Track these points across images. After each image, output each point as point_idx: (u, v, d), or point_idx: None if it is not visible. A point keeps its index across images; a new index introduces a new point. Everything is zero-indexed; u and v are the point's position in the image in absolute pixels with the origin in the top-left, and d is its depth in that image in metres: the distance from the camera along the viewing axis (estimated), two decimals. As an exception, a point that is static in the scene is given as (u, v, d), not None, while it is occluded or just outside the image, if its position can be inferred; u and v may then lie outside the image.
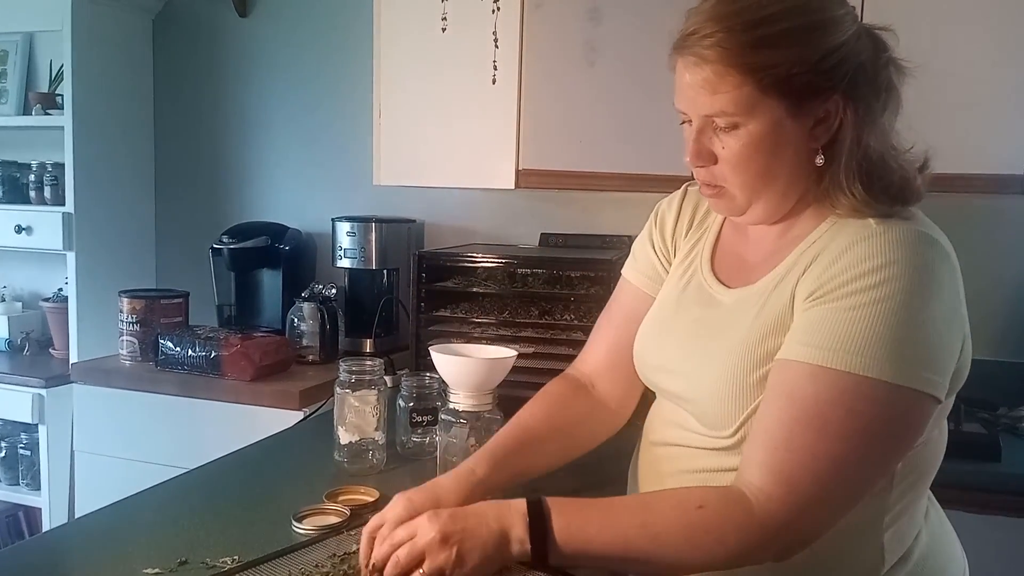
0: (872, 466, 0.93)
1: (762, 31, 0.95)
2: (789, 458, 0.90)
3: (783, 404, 0.93)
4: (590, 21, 2.13)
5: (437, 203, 2.67)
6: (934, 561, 1.07)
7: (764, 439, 0.93)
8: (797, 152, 1.00)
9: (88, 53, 2.68)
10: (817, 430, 0.90)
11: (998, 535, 1.72)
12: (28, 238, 2.71)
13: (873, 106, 0.99)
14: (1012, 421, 1.98)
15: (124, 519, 1.27)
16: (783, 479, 0.90)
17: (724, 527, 0.91)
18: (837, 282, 0.94)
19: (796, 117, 0.97)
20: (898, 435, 0.93)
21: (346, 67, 2.74)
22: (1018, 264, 2.21)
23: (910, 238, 0.95)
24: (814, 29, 0.96)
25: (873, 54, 0.99)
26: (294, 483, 1.44)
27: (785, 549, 0.92)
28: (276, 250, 2.66)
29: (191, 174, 3.00)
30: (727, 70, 0.96)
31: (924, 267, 0.93)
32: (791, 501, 0.90)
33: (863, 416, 0.90)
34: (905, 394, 0.90)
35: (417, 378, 1.59)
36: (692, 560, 0.93)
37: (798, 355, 0.93)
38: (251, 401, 2.19)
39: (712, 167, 1.03)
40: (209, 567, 1.08)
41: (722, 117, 0.98)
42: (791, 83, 0.95)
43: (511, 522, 0.94)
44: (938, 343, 0.93)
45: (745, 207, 1.05)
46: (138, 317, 2.44)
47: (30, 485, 2.77)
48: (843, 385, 0.90)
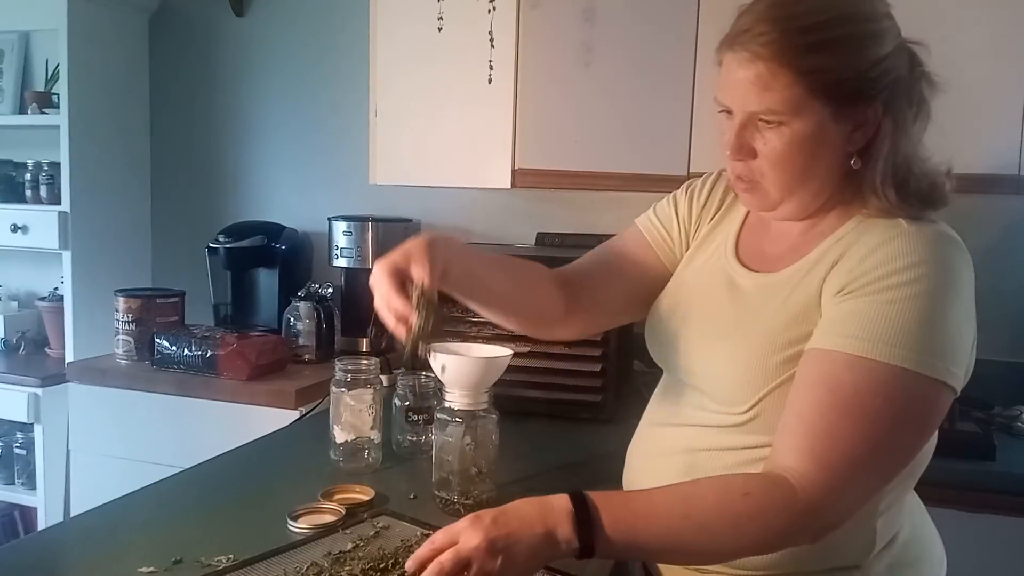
0: (902, 452, 0.98)
1: (816, 36, 0.98)
2: (829, 444, 0.93)
3: (821, 392, 0.96)
4: (585, 21, 2.14)
5: (433, 202, 2.67)
6: (916, 545, 1.13)
7: (802, 426, 0.96)
8: (834, 154, 1.04)
9: (84, 52, 2.68)
10: (855, 417, 0.94)
11: (993, 534, 1.72)
12: (24, 237, 2.71)
13: (907, 115, 1.04)
14: (1007, 420, 1.99)
15: (119, 518, 1.27)
16: (823, 464, 0.93)
17: (769, 513, 0.93)
18: (872, 276, 0.98)
19: (838, 121, 1.01)
20: (925, 423, 0.98)
21: (342, 66, 2.74)
22: (1012, 264, 2.22)
23: (939, 239, 1.00)
24: (864, 39, 1.00)
25: (910, 67, 1.05)
26: (290, 482, 1.44)
27: (823, 531, 0.96)
28: (272, 249, 2.66)
29: (187, 173, 3.00)
30: (780, 69, 0.99)
31: (951, 267, 0.98)
32: (832, 485, 0.93)
33: (897, 404, 0.94)
34: (932, 385, 0.94)
35: (413, 377, 1.59)
36: (738, 547, 0.96)
37: (835, 345, 0.97)
38: (247, 400, 2.19)
39: (750, 162, 1.06)
40: (204, 566, 1.08)
41: (770, 114, 1.02)
42: (839, 88, 0.99)
43: (557, 521, 0.93)
44: (958, 339, 0.97)
45: (777, 203, 1.08)
46: (134, 316, 2.44)
47: (26, 484, 2.76)
48: (880, 374, 0.94)
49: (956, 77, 1.87)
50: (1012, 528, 1.72)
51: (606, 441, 1.29)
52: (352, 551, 1.11)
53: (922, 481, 1.18)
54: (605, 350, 1.86)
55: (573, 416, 1.86)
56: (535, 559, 0.92)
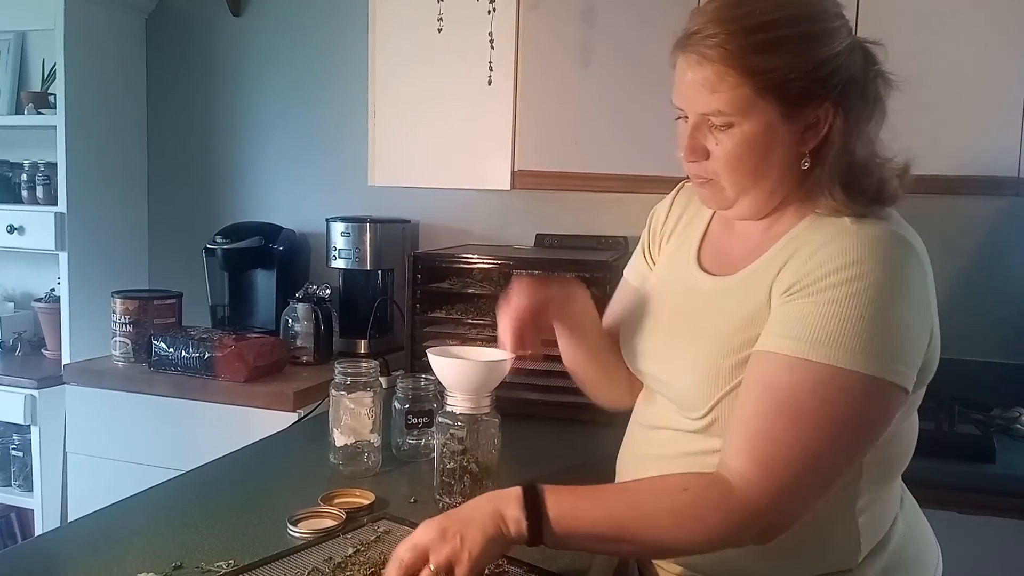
0: (844, 453, 0.97)
1: (764, 36, 0.99)
2: (766, 445, 0.95)
3: (760, 393, 0.97)
4: (585, 22, 2.13)
5: (432, 204, 2.66)
6: (911, 547, 1.13)
7: (743, 427, 0.98)
8: (786, 154, 1.04)
9: (81, 52, 2.67)
10: (793, 419, 0.95)
11: (992, 536, 1.72)
12: (20, 238, 2.70)
13: (860, 115, 1.04)
14: (1006, 422, 1.99)
15: (118, 523, 1.27)
16: (761, 464, 0.94)
17: (706, 509, 0.95)
18: (812, 277, 0.98)
19: (788, 121, 1.02)
20: (868, 424, 0.98)
21: (340, 66, 2.73)
22: (1012, 265, 2.22)
23: (882, 236, 0.99)
24: (812, 38, 1.00)
25: (864, 66, 1.04)
26: (289, 486, 1.43)
27: (764, 532, 0.97)
28: (270, 250, 2.65)
29: (184, 174, 2.99)
30: (727, 70, 0.99)
31: (894, 264, 0.98)
32: (768, 486, 0.94)
33: (836, 405, 0.94)
34: (876, 384, 0.94)
35: (413, 380, 1.59)
36: (677, 541, 0.98)
37: (775, 347, 0.98)
38: (245, 403, 2.18)
39: (704, 162, 1.07)
40: (204, 571, 1.08)
41: (718, 116, 1.02)
42: (787, 88, 1.00)
43: (505, 503, 0.98)
44: (906, 337, 0.97)
45: (733, 201, 1.09)
46: (131, 318, 2.43)
47: (22, 487, 2.76)
48: (818, 375, 0.94)
49: (955, 79, 1.89)
50: (1012, 530, 1.72)
51: (608, 443, 1.29)
52: (353, 556, 1.11)
53: (921, 483, 1.18)
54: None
55: (575, 418, 1.85)
56: (488, 539, 0.95)
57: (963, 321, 2.21)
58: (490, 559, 0.98)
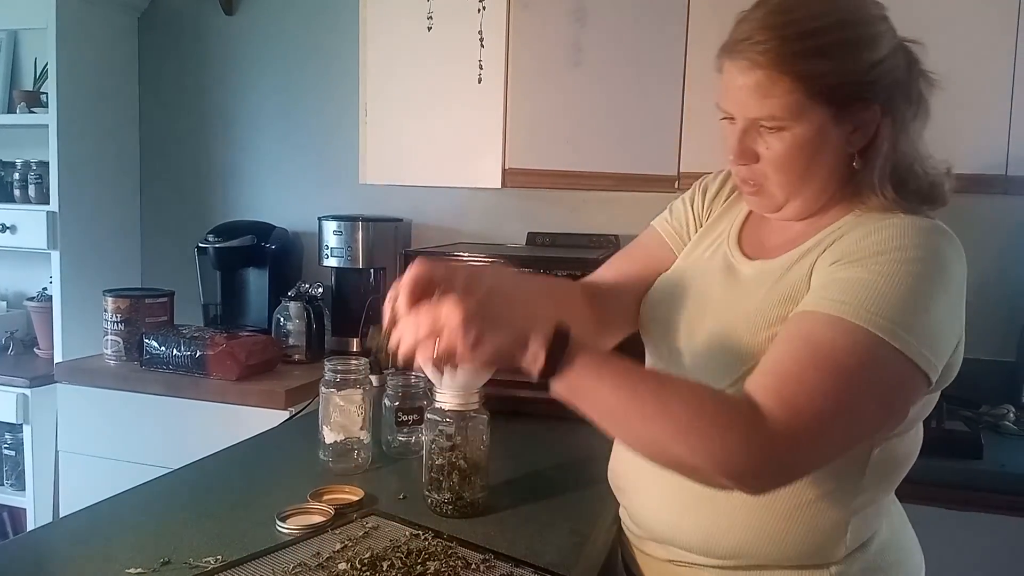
0: (863, 421, 0.96)
1: (813, 41, 1.00)
2: (798, 390, 0.92)
3: (799, 344, 0.96)
4: (576, 21, 2.14)
5: (424, 202, 2.67)
6: (894, 551, 1.13)
7: (776, 369, 0.95)
8: (836, 155, 1.06)
9: (73, 51, 2.67)
10: (828, 371, 0.92)
11: (980, 532, 1.73)
12: (12, 237, 2.70)
13: (906, 115, 1.05)
14: (994, 419, 2.00)
15: (108, 519, 1.27)
16: (789, 407, 0.91)
17: (729, 423, 0.91)
18: (866, 252, 0.99)
19: (838, 123, 1.03)
20: (893, 402, 0.97)
21: (332, 65, 2.74)
22: (1000, 263, 2.23)
23: (933, 230, 1.01)
24: (861, 42, 1.02)
25: (907, 67, 1.06)
26: (279, 483, 1.43)
27: (769, 476, 0.94)
28: (262, 249, 2.65)
29: (176, 173, 2.99)
30: (779, 76, 1.00)
31: (944, 258, 0.99)
32: (791, 428, 0.91)
33: (868, 370, 0.93)
34: (906, 363, 0.94)
35: (403, 377, 1.59)
36: (687, 441, 0.92)
37: (818, 307, 0.97)
38: (237, 401, 2.18)
39: (754, 165, 1.08)
40: (192, 567, 1.08)
41: (770, 120, 1.03)
42: (837, 92, 1.01)
43: (535, 336, 0.94)
44: (939, 330, 0.97)
45: (782, 204, 1.10)
46: (123, 316, 2.43)
47: (15, 485, 2.76)
48: (860, 338, 0.93)
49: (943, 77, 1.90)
50: (999, 526, 1.73)
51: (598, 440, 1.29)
52: (340, 551, 1.11)
53: (909, 479, 1.19)
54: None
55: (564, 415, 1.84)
56: (499, 356, 0.94)
57: (952, 318, 2.22)
58: (495, 366, 0.98)
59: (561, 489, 1.42)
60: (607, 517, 1.31)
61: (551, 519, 1.29)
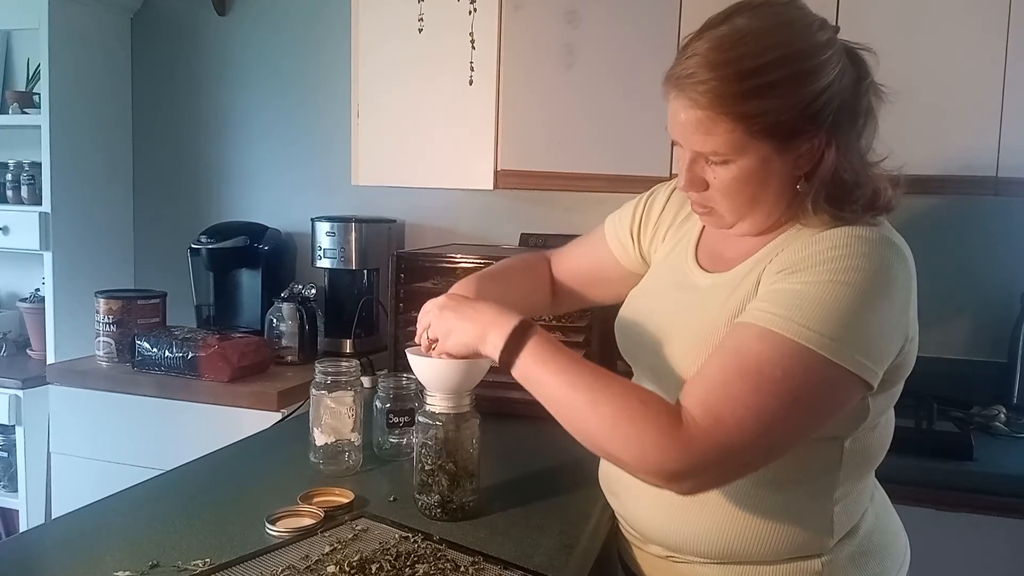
0: (791, 430, 0.99)
1: (755, 81, 1.00)
2: (723, 400, 0.96)
3: (729, 355, 1.00)
4: (568, 23, 2.14)
5: (417, 203, 2.67)
6: (880, 536, 1.18)
7: (705, 379, 1.00)
8: (782, 180, 1.08)
9: (66, 52, 2.67)
10: (754, 384, 0.96)
11: (971, 533, 1.74)
12: (4, 238, 2.70)
13: (850, 136, 1.06)
14: (985, 420, 2.01)
15: (97, 521, 1.26)
16: (712, 414, 0.96)
17: (648, 425, 0.97)
18: (804, 264, 1.02)
19: (782, 153, 1.05)
20: (821, 407, 1.00)
21: (325, 66, 2.74)
22: (991, 264, 2.24)
23: (872, 238, 1.03)
24: (803, 77, 1.01)
25: (855, 83, 1.06)
26: (269, 485, 1.43)
27: (693, 478, 0.98)
28: (255, 250, 2.65)
29: (169, 174, 2.99)
30: (720, 116, 1.02)
31: (881, 264, 1.01)
32: (713, 436, 0.95)
33: (795, 380, 0.96)
34: (837, 371, 0.96)
35: (394, 379, 1.59)
36: (609, 438, 1.01)
37: (752, 318, 1.01)
38: (229, 402, 2.18)
39: (703, 192, 1.11)
40: (180, 570, 1.08)
41: (714, 155, 1.06)
42: (779, 128, 1.02)
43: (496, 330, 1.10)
44: (879, 336, 1.00)
45: (732, 224, 1.14)
46: (115, 318, 2.42)
47: (7, 487, 2.75)
48: (785, 349, 0.97)
49: (934, 80, 1.91)
50: (990, 527, 1.73)
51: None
52: (329, 554, 1.11)
53: (900, 480, 1.20)
54: (587, 351, 1.86)
55: (555, 417, 1.85)
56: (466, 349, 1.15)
57: (942, 319, 2.23)
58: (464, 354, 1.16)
59: (552, 491, 1.42)
60: (598, 519, 1.31)
61: (541, 521, 1.29)
